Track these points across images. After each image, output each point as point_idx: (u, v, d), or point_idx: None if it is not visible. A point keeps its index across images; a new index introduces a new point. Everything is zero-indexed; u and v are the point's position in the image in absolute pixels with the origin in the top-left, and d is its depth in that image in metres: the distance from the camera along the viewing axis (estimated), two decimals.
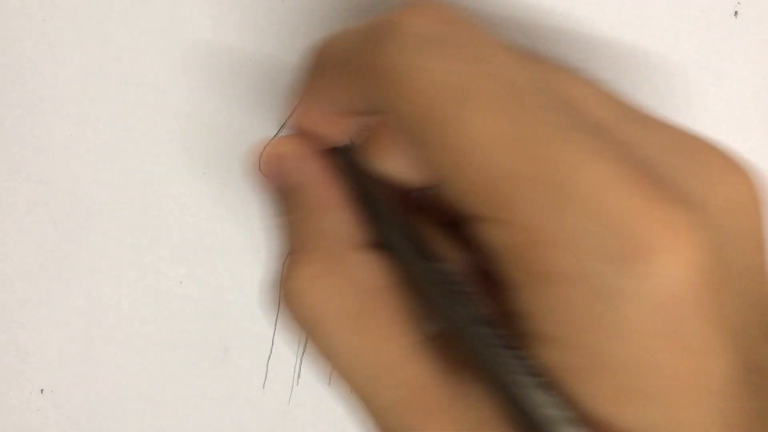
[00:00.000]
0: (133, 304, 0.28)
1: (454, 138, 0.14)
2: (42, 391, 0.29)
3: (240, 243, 0.28)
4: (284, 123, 0.21)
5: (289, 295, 0.18)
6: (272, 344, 0.28)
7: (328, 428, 0.28)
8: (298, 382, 0.28)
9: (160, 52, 0.29)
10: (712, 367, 0.14)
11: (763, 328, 0.16)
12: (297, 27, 0.28)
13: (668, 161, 0.15)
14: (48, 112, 0.29)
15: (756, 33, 0.27)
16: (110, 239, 0.29)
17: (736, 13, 0.27)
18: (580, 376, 0.14)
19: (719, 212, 0.15)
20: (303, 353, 0.28)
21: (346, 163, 0.19)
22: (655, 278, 0.13)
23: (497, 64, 0.15)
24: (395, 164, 0.18)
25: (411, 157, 0.18)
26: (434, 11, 0.16)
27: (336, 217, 0.18)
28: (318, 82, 0.18)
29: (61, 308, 0.29)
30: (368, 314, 0.17)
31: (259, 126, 0.28)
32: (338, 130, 0.19)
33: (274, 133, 0.22)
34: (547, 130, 0.14)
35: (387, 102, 0.16)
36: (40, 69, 0.29)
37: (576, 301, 0.14)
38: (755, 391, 0.15)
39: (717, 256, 0.14)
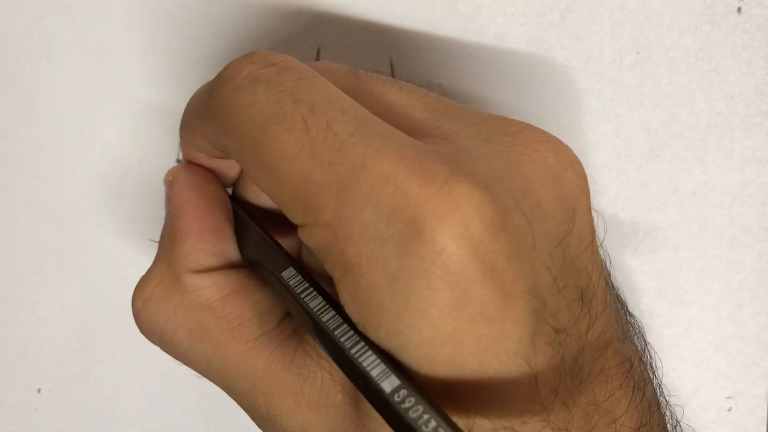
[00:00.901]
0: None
1: (265, 158, 0.16)
2: (39, 390, 0.28)
3: None
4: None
5: (134, 314, 0.21)
6: None
7: None
8: None
9: (159, 50, 0.29)
10: (509, 331, 0.15)
11: (575, 291, 0.17)
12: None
13: (474, 148, 0.17)
14: (46, 110, 0.29)
15: (759, 29, 0.27)
16: (108, 238, 0.28)
17: (739, 9, 0.27)
18: (395, 354, 0.16)
19: (517, 185, 0.16)
20: None
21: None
22: (433, 254, 0.15)
23: (310, 89, 0.17)
24: (252, 194, 0.22)
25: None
26: (262, 58, 0.18)
27: (183, 244, 0.20)
28: (184, 131, 0.21)
29: (58, 307, 0.29)
30: (206, 325, 0.19)
31: None
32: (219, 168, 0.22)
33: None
34: (341, 136, 0.16)
35: (221, 138, 0.18)
36: (37, 66, 0.29)
37: (374, 287, 0.15)
38: (563, 350, 0.16)
39: (502, 224, 0.15)
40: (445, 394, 0.15)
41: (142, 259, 0.28)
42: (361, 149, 0.15)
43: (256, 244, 0.21)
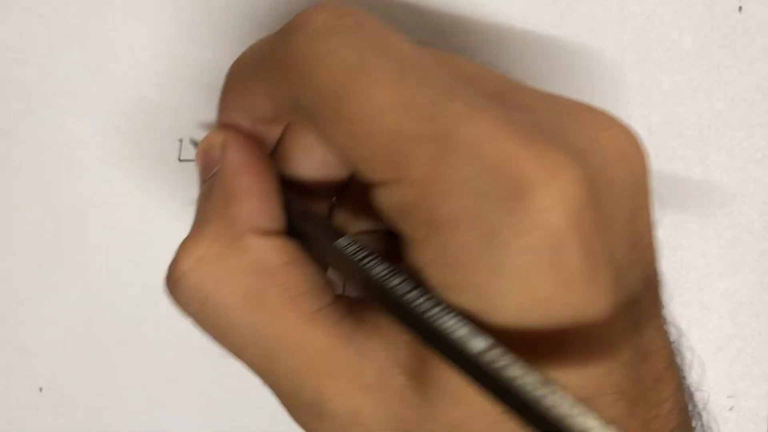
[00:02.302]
0: (133, 303, 0.28)
1: (350, 111, 0.16)
2: (41, 389, 0.29)
3: None
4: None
5: (176, 277, 0.19)
6: None
7: None
8: None
9: (159, 49, 0.29)
10: (595, 300, 0.15)
11: (642, 267, 0.17)
12: None
13: (553, 120, 0.17)
14: (47, 110, 0.29)
15: (760, 28, 0.27)
16: (109, 237, 0.29)
17: (740, 8, 0.27)
18: (478, 318, 0.15)
19: (598, 159, 0.16)
20: None
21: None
22: (537, 213, 0.14)
23: (392, 44, 0.16)
24: (305, 166, 0.21)
25: (316, 155, 0.20)
26: (334, 7, 0.17)
27: (243, 205, 0.19)
28: (231, 93, 0.20)
29: (59, 306, 0.29)
30: (263, 292, 0.18)
31: None
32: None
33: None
34: (434, 92, 0.15)
35: (292, 92, 0.17)
36: (38, 66, 0.29)
37: (467, 245, 0.15)
38: (633, 325, 0.16)
39: (595, 194, 0.15)
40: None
41: (143, 259, 0.28)
42: (458, 105, 0.15)
43: (300, 214, 0.20)
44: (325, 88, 0.16)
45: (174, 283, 0.19)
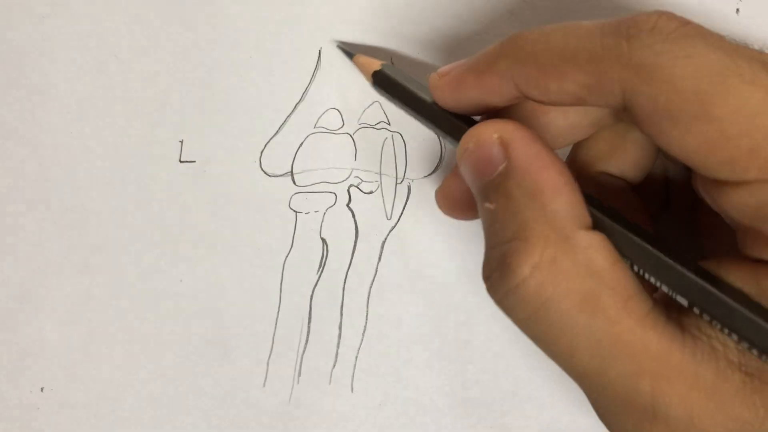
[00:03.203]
0: (133, 302, 0.28)
1: (721, 110, 0.16)
2: (42, 389, 0.29)
3: (240, 242, 0.28)
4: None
5: (512, 286, 0.18)
6: (272, 343, 0.28)
7: (328, 427, 0.28)
8: (298, 381, 0.28)
9: (159, 49, 0.29)
10: None
11: None
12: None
13: None
14: (47, 111, 0.29)
15: (757, 30, 0.27)
16: (110, 237, 0.29)
17: (737, 10, 0.27)
18: None
19: None
20: (303, 351, 0.28)
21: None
22: None
23: (741, 49, 0.17)
24: (620, 164, 0.22)
25: (626, 154, 0.22)
26: (674, 15, 0.17)
27: (558, 201, 0.18)
28: (524, 73, 0.19)
29: (61, 307, 0.29)
30: (598, 295, 0.17)
31: (260, 124, 0.28)
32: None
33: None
34: None
35: (637, 90, 0.17)
36: (39, 67, 0.29)
37: None
38: None
39: None
40: None
41: (143, 259, 0.28)
42: None
43: (603, 210, 0.19)
44: (687, 89, 0.16)
45: (511, 291, 0.18)
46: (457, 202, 0.23)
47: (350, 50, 0.27)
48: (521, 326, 0.19)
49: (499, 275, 0.18)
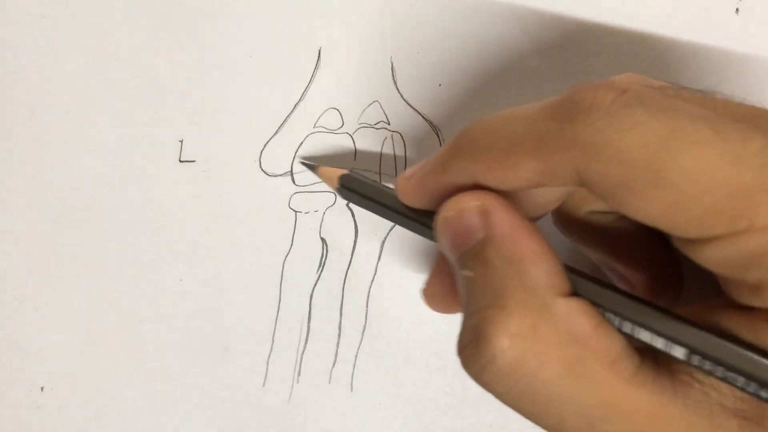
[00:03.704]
0: (133, 302, 0.28)
1: (673, 174, 0.16)
2: (42, 388, 0.29)
3: (240, 241, 0.28)
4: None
5: (491, 358, 0.18)
6: (272, 343, 0.28)
7: (328, 426, 0.28)
8: (298, 381, 0.28)
9: (159, 49, 0.29)
10: None
11: None
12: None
13: None
14: (48, 111, 0.29)
15: (757, 29, 0.27)
16: (110, 237, 0.29)
17: (737, 9, 0.27)
18: None
19: None
20: (303, 351, 0.28)
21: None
22: None
23: (680, 106, 0.17)
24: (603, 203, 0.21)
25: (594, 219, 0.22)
26: (610, 85, 0.17)
27: (537, 268, 0.18)
28: (482, 164, 0.19)
29: (61, 306, 0.29)
30: (582, 360, 0.17)
31: (259, 123, 0.28)
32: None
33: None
34: (760, 142, 0.16)
35: (588, 165, 0.17)
36: (39, 67, 0.29)
37: None
38: None
39: None
40: None
41: (144, 258, 0.28)
42: None
43: (578, 273, 0.19)
44: (637, 159, 0.16)
45: (488, 362, 0.18)
46: (444, 299, 0.24)
47: (313, 162, 0.28)
48: (503, 400, 0.18)
49: (475, 347, 0.18)
